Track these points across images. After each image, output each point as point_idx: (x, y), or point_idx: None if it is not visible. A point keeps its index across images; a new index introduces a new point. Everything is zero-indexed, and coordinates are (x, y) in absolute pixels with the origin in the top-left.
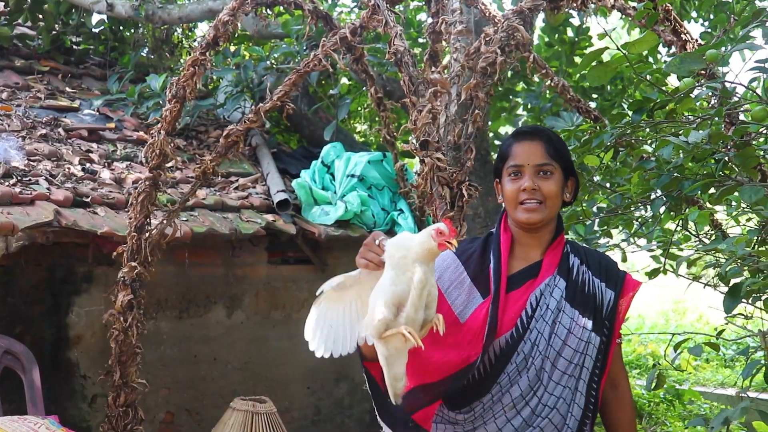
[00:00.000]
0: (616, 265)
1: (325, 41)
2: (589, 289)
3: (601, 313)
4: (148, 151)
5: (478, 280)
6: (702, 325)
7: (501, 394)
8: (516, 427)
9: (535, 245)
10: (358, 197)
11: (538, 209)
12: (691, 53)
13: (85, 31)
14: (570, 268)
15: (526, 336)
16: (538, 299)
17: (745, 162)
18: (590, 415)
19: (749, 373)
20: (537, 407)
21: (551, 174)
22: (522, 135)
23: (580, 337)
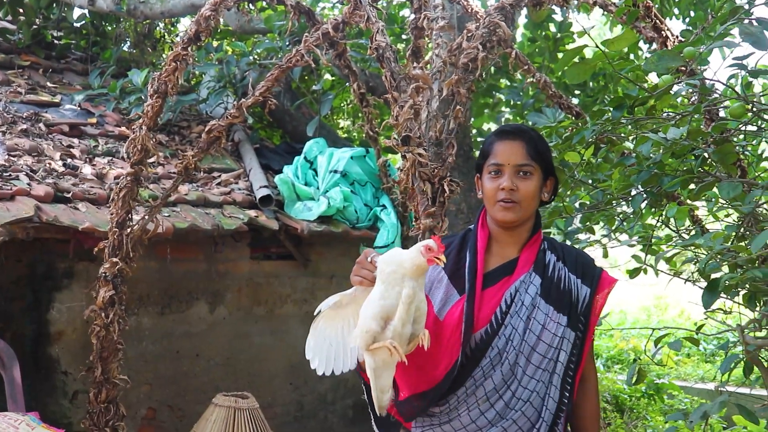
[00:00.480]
0: (593, 262)
1: (308, 37)
2: (564, 286)
3: (577, 309)
4: (130, 146)
5: (455, 277)
6: (683, 320)
7: (475, 388)
8: (489, 419)
9: (512, 242)
10: (341, 193)
11: (514, 209)
12: (670, 51)
13: (67, 25)
14: (546, 264)
15: (500, 332)
16: (513, 296)
17: (723, 158)
18: (564, 409)
19: (727, 367)
20: (511, 401)
21: (530, 175)
22: (504, 134)
23: (554, 333)
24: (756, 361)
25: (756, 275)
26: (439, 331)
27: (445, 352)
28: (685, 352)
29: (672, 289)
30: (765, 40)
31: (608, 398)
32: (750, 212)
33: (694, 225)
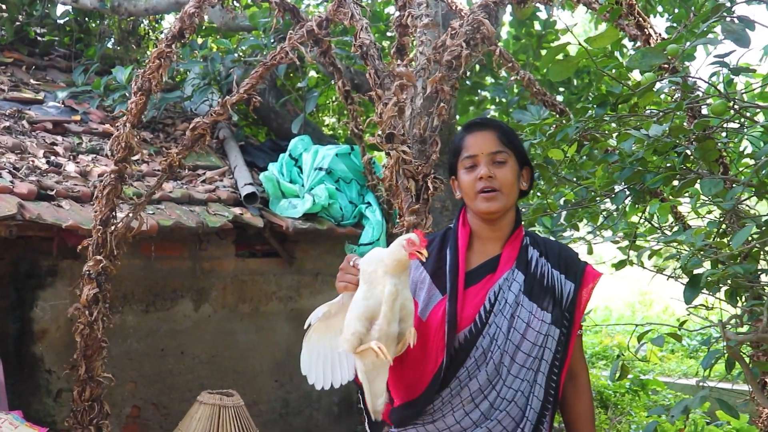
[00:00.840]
0: (577, 256)
1: (292, 34)
2: (548, 282)
3: (561, 305)
4: (114, 143)
5: (436, 276)
6: (667, 316)
7: (460, 388)
8: (474, 420)
9: (495, 238)
10: (326, 190)
11: (496, 197)
12: (652, 48)
13: (50, 22)
14: (528, 261)
15: (484, 331)
16: (496, 294)
17: (705, 155)
18: (549, 407)
19: (709, 363)
20: (496, 400)
21: (506, 162)
22: (473, 126)
23: (539, 330)
24: (737, 356)
25: (737, 271)
26: (423, 333)
27: (431, 353)
28: (669, 347)
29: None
30: (747, 37)
31: (593, 394)
32: (731, 209)
33: (677, 221)
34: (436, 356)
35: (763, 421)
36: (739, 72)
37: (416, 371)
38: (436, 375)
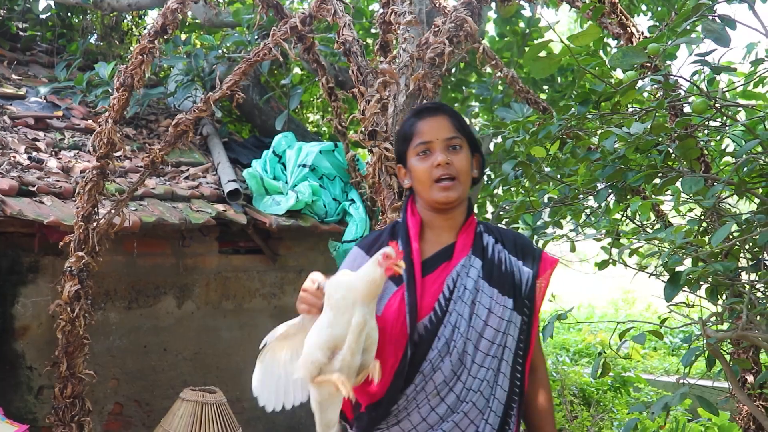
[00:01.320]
0: (532, 244)
1: (276, 30)
2: (506, 268)
3: (521, 291)
4: (96, 139)
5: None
6: (650, 314)
7: (424, 383)
8: (441, 414)
9: (447, 227)
10: (310, 187)
11: (454, 186)
12: (634, 47)
13: (32, 17)
14: (485, 247)
15: (445, 319)
16: (455, 281)
17: (686, 153)
18: (516, 398)
19: (689, 360)
20: (462, 392)
21: (460, 148)
22: (425, 111)
23: (501, 316)
24: (717, 353)
25: (717, 269)
26: (380, 328)
27: (390, 349)
28: (651, 345)
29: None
30: (727, 36)
31: (575, 391)
32: (712, 207)
33: (659, 219)
34: (396, 351)
35: (743, 418)
36: (721, 70)
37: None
38: (399, 370)
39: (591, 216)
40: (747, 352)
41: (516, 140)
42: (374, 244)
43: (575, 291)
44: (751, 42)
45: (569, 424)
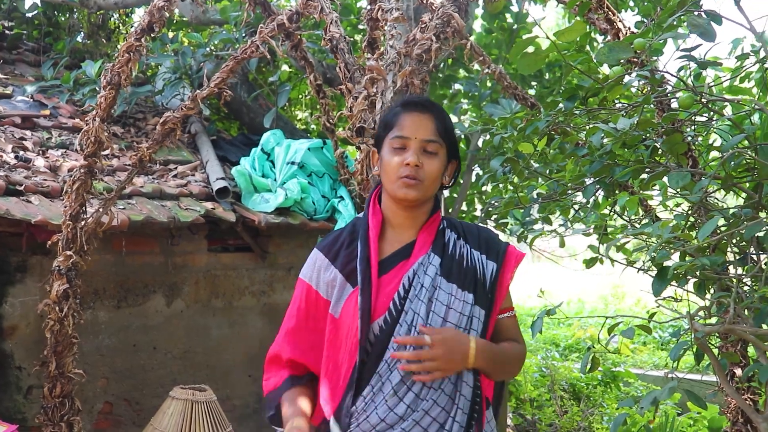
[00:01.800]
0: (497, 237)
1: (263, 28)
2: (468, 263)
3: (484, 285)
4: (84, 138)
5: (346, 271)
6: (639, 308)
7: (381, 384)
8: (400, 414)
9: (409, 225)
10: (299, 184)
11: (417, 186)
12: (620, 42)
13: (18, 15)
14: (445, 243)
15: (401, 318)
16: (410, 279)
17: (672, 148)
18: (480, 392)
19: (677, 354)
20: (421, 391)
21: (436, 153)
22: (413, 105)
23: (461, 312)
24: (705, 347)
25: (705, 263)
26: (336, 331)
27: (344, 351)
28: (641, 339)
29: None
30: (712, 32)
31: (565, 386)
32: (699, 201)
33: (646, 214)
34: (351, 356)
35: (731, 411)
36: (707, 65)
37: (334, 375)
38: (353, 373)
39: (579, 211)
40: (735, 346)
41: (504, 136)
42: (334, 244)
43: (565, 286)
44: (736, 37)
45: (559, 419)
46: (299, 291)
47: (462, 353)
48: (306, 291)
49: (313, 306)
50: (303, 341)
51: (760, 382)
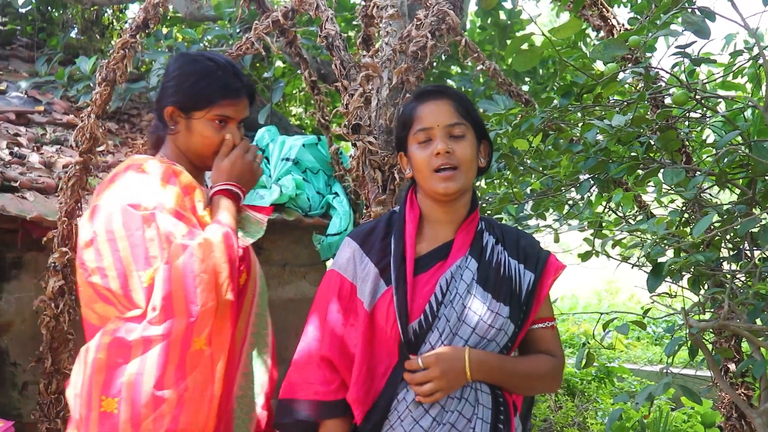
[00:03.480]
0: (537, 245)
1: (258, 24)
2: (505, 271)
3: (519, 297)
4: (79, 134)
5: (381, 265)
6: (633, 304)
7: (406, 392)
8: (426, 428)
9: (447, 222)
10: (293, 181)
11: (455, 176)
12: (615, 39)
13: (12, 11)
14: (483, 247)
15: (434, 324)
16: (448, 283)
17: (667, 144)
18: (501, 400)
19: (671, 349)
20: (446, 402)
21: (464, 135)
22: (427, 95)
23: (491, 324)
24: (699, 343)
25: (699, 259)
26: (372, 328)
27: (382, 353)
28: (635, 335)
29: (623, 273)
30: (706, 29)
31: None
32: (693, 198)
33: (641, 210)
34: (389, 356)
35: (725, 406)
36: (701, 62)
37: (369, 375)
38: (392, 377)
39: (574, 207)
40: (729, 342)
41: (499, 133)
42: (369, 235)
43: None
44: (730, 33)
45: (554, 415)
46: (332, 284)
47: (458, 370)
48: (340, 284)
49: (347, 300)
50: (336, 338)
51: (754, 377)
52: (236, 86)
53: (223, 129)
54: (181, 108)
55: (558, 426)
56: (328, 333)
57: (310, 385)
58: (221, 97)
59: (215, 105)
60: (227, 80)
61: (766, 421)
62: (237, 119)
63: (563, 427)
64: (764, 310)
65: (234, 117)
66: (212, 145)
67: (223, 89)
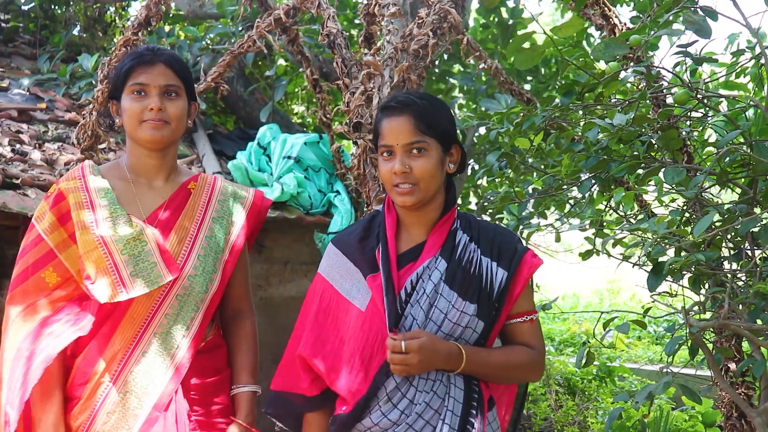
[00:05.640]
0: (514, 242)
1: (260, 22)
2: (475, 270)
3: (490, 295)
4: (80, 132)
5: (364, 264)
6: (634, 303)
7: (376, 389)
8: (394, 420)
9: (419, 224)
10: (295, 179)
11: (412, 191)
12: (616, 38)
13: (14, 8)
14: (455, 246)
15: (400, 323)
16: (414, 283)
17: (668, 144)
18: (475, 396)
19: (672, 348)
20: (415, 396)
21: (425, 151)
22: (388, 110)
23: (457, 322)
24: (700, 342)
25: (700, 259)
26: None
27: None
28: (636, 334)
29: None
30: (708, 28)
31: (560, 381)
32: (694, 197)
33: (642, 209)
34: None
35: (725, 406)
36: (702, 61)
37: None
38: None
39: (575, 206)
40: (729, 341)
41: (500, 131)
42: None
43: (560, 281)
44: (732, 33)
45: (554, 414)
46: (316, 287)
47: (435, 361)
48: (323, 287)
49: (328, 301)
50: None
51: (754, 376)
52: (145, 54)
53: (143, 99)
54: (114, 96)
55: (558, 425)
56: (308, 333)
57: (293, 381)
58: (132, 67)
59: (129, 77)
60: (138, 53)
61: (766, 421)
62: (154, 86)
63: (563, 426)
64: (765, 310)
65: (149, 83)
66: (134, 115)
67: (133, 60)
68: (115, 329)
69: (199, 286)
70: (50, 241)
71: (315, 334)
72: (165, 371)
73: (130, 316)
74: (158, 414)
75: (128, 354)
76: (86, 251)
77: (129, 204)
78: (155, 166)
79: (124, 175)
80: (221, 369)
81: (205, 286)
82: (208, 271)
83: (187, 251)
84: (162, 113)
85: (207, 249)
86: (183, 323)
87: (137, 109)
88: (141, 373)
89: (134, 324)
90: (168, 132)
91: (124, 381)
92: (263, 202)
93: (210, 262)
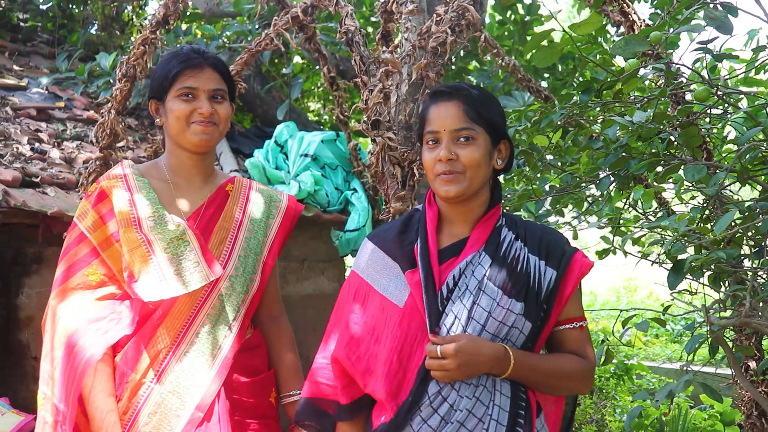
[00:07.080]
0: (564, 243)
1: (277, 20)
2: (522, 268)
3: (538, 295)
4: (99, 130)
5: (396, 258)
6: (652, 301)
7: (421, 392)
8: (434, 427)
9: (462, 220)
10: (312, 177)
11: (457, 180)
12: (636, 35)
13: (33, 7)
14: (500, 243)
15: (441, 321)
16: (456, 279)
17: (688, 141)
18: (523, 404)
19: (692, 347)
20: (456, 401)
21: (473, 140)
22: (438, 95)
23: (503, 321)
24: (720, 340)
25: (720, 256)
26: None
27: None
28: (653, 332)
29: (641, 270)
30: (729, 24)
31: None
32: (714, 194)
33: (661, 207)
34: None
35: (745, 404)
36: (723, 58)
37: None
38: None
39: (593, 204)
40: (750, 339)
41: (518, 129)
42: (384, 237)
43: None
44: (752, 29)
45: None
46: (351, 285)
47: (479, 364)
48: (357, 285)
49: (364, 299)
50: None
51: None
52: (194, 58)
53: (191, 102)
54: (157, 97)
55: (576, 423)
56: (341, 334)
57: (326, 387)
58: (180, 71)
59: (177, 80)
60: (186, 56)
61: None
62: (203, 90)
63: (582, 424)
64: None
65: (198, 87)
66: (183, 117)
67: (181, 63)
68: (157, 328)
69: (240, 287)
70: (93, 239)
71: (349, 334)
72: (208, 371)
73: (172, 315)
74: (201, 414)
75: (171, 353)
76: (130, 249)
77: (169, 204)
78: (195, 167)
79: (164, 176)
80: (261, 369)
81: (246, 286)
82: (249, 271)
83: (228, 252)
84: (212, 116)
85: (247, 250)
86: (225, 323)
87: (186, 111)
88: (184, 372)
89: (177, 323)
90: (216, 134)
91: (167, 381)
92: (297, 207)
93: (250, 263)
